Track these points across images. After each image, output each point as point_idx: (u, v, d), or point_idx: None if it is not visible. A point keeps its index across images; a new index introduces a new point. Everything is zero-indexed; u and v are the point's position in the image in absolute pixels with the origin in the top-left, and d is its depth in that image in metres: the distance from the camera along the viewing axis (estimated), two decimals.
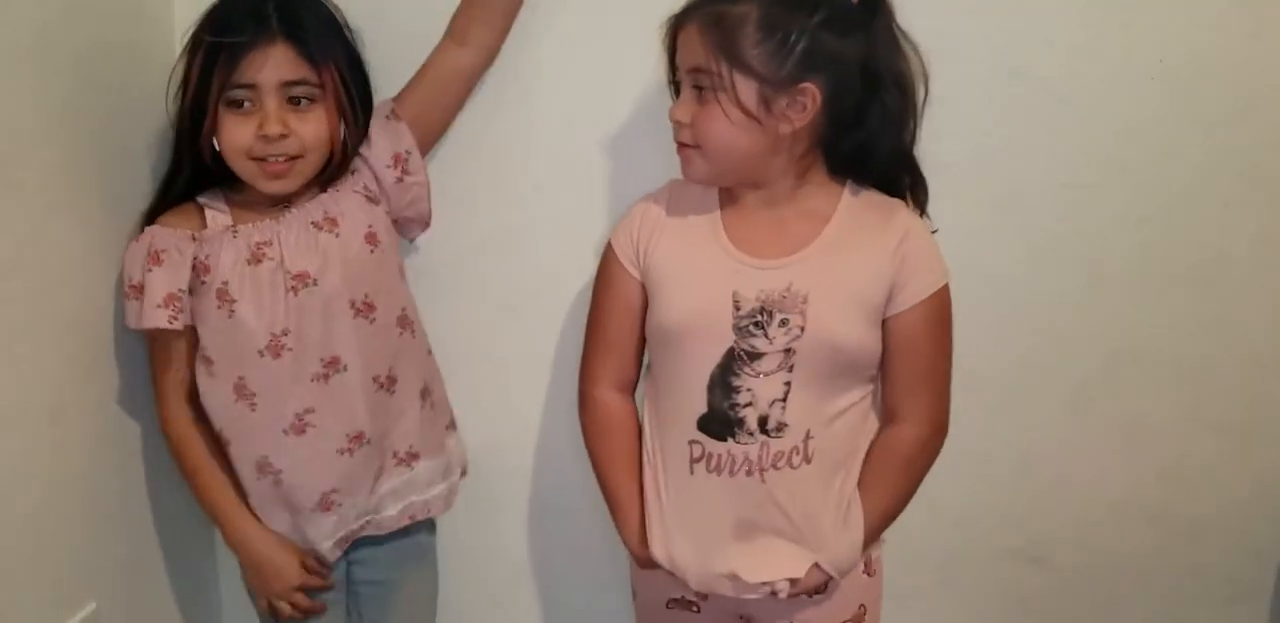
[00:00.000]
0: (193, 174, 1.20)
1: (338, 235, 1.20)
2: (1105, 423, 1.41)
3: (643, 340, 1.22)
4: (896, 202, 1.16)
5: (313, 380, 1.19)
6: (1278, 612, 1.48)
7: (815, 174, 1.15)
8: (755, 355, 1.10)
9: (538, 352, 1.44)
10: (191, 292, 1.18)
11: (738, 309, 1.10)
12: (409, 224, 1.31)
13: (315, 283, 1.18)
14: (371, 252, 1.22)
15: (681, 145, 1.13)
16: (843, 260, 1.11)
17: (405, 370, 1.26)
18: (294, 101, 1.15)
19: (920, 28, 1.13)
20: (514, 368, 1.44)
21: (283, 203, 1.20)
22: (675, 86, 1.16)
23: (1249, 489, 1.43)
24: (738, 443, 1.11)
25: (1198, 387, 1.39)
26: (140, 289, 1.17)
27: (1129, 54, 1.28)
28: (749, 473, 1.11)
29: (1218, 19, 1.26)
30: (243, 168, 1.17)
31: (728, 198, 1.17)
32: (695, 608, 1.22)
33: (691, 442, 1.13)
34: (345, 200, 1.22)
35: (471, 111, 1.35)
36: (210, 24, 1.15)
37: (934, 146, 1.19)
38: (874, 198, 1.16)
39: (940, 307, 1.14)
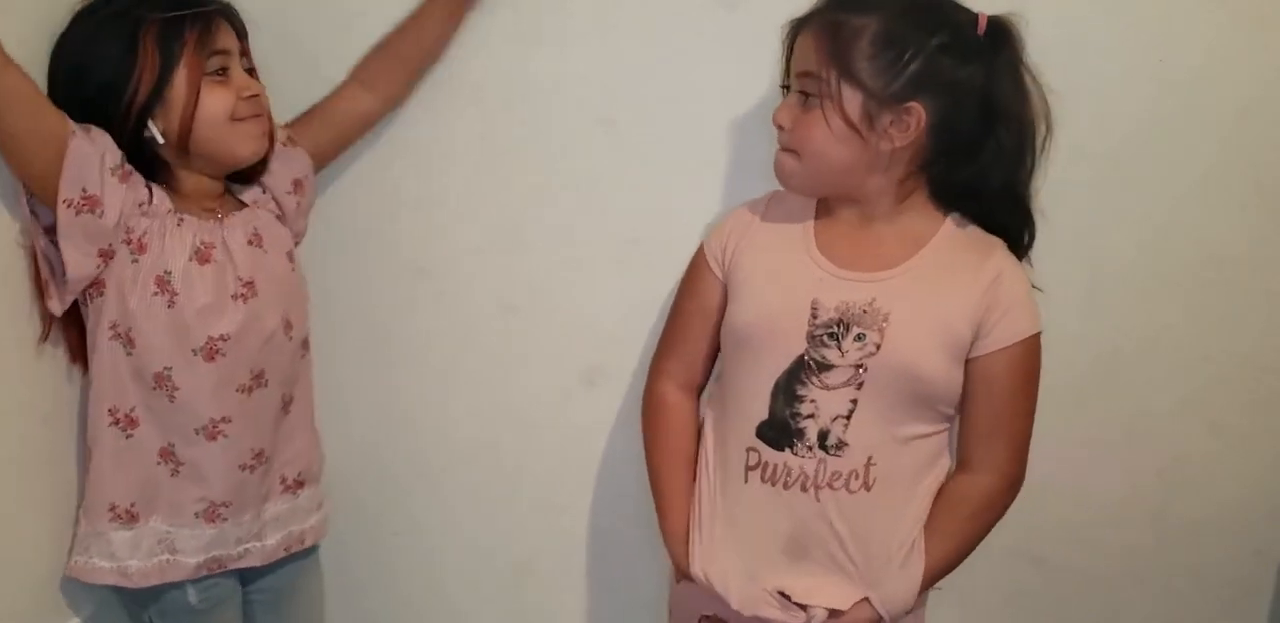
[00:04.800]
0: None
1: (266, 252, 1.21)
2: (1105, 423, 1.41)
3: (715, 345, 1.21)
4: (997, 241, 1.14)
5: (238, 390, 1.17)
6: (1278, 612, 1.48)
7: (917, 200, 1.13)
8: (825, 366, 1.08)
9: (538, 352, 1.44)
10: (109, 256, 1.11)
11: (815, 317, 1.09)
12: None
13: (259, 295, 1.18)
14: (291, 270, 1.25)
15: (780, 150, 1.11)
16: (931, 287, 1.09)
17: (301, 393, 1.27)
18: (246, 70, 1.17)
19: None
20: (514, 368, 1.44)
21: (211, 211, 1.18)
22: (786, 90, 1.14)
23: (1249, 489, 1.43)
24: (795, 454, 1.09)
25: (1197, 387, 1.39)
26: (97, 203, 1.08)
27: (1129, 54, 1.28)
28: (804, 488, 1.09)
29: (1218, 19, 1.26)
30: (226, 133, 1.14)
31: (824, 210, 1.16)
32: None
33: (749, 449, 1.12)
34: (263, 218, 1.23)
35: (472, 112, 1.35)
36: (151, 4, 1.10)
37: None
38: (975, 234, 1.14)
39: (1027, 355, 1.11)
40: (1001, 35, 1.08)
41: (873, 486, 1.09)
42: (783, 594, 1.11)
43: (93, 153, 1.07)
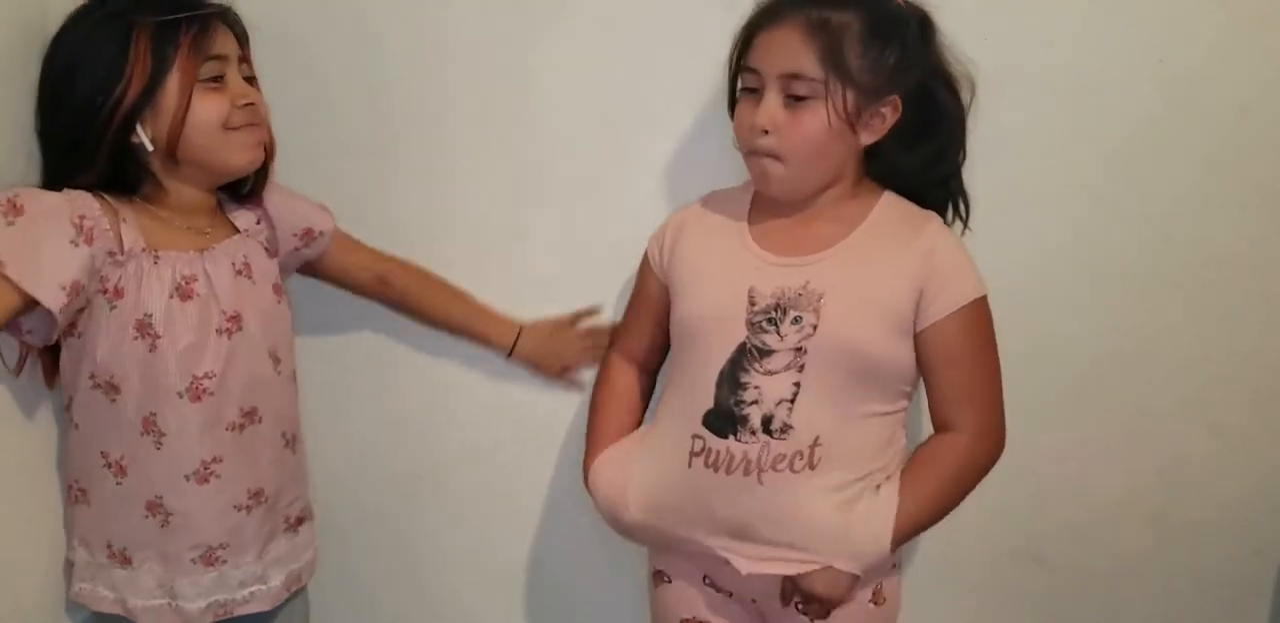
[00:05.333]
0: (102, 178, 1.09)
1: (254, 282, 1.16)
2: (1105, 423, 1.41)
3: (660, 333, 1.24)
4: (931, 214, 1.16)
5: (228, 429, 1.13)
6: (1278, 612, 1.48)
7: (860, 183, 1.15)
8: (765, 352, 1.09)
9: None
10: (83, 307, 1.07)
11: (753, 305, 1.10)
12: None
13: (243, 328, 1.13)
14: (278, 303, 1.20)
15: (757, 155, 1.10)
16: (864, 264, 1.10)
17: (299, 429, 1.24)
18: (245, 78, 1.14)
19: None
20: (514, 368, 1.44)
21: (196, 230, 1.14)
22: (734, 88, 1.14)
23: (1249, 489, 1.43)
24: (738, 441, 1.09)
25: (1198, 387, 1.39)
26: (79, 287, 1.03)
27: (1129, 54, 1.28)
28: (746, 473, 1.09)
29: (1218, 19, 1.26)
30: (219, 142, 1.10)
31: (760, 203, 1.17)
32: None
33: (694, 436, 1.12)
34: (252, 247, 1.18)
35: (472, 112, 1.35)
36: (142, 6, 1.07)
37: None
38: (909, 210, 1.15)
39: (976, 317, 1.11)
40: (924, 17, 1.11)
41: (817, 465, 1.08)
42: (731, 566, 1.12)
43: (35, 246, 1.01)
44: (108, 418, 1.10)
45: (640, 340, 1.27)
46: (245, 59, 1.15)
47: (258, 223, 1.21)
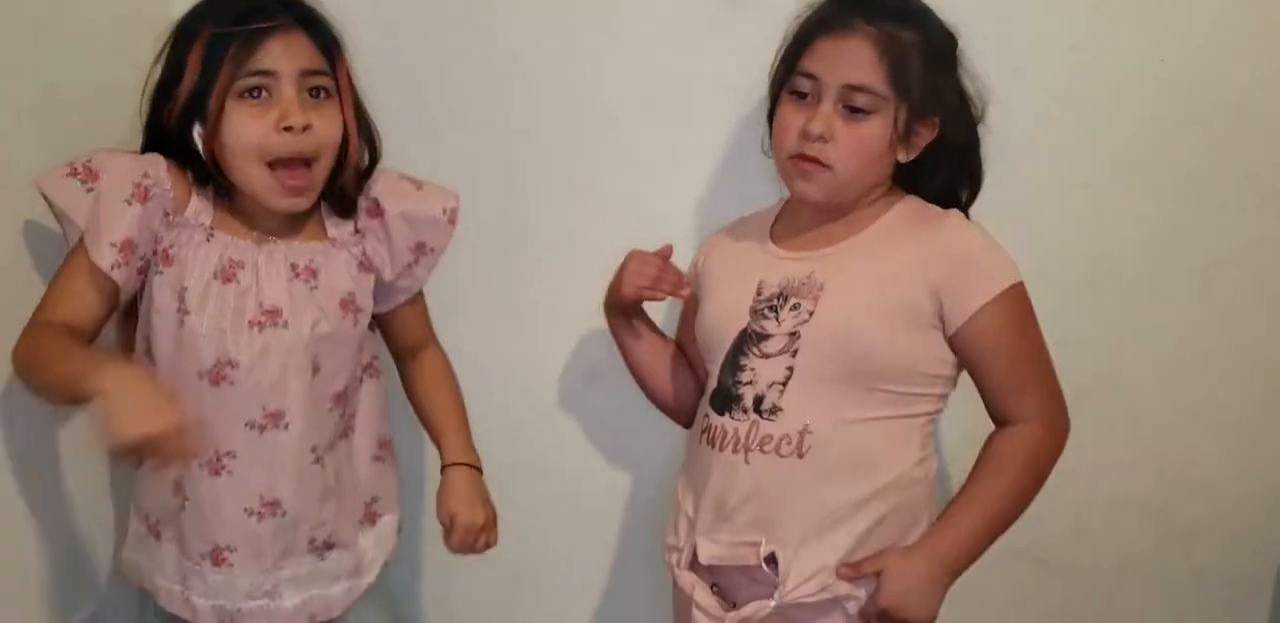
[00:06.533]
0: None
1: (313, 289, 1.11)
2: (1105, 423, 1.41)
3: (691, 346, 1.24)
4: (952, 213, 1.14)
5: (246, 426, 1.08)
6: (1278, 612, 1.48)
7: (886, 194, 1.15)
8: (763, 337, 1.10)
9: (538, 352, 1.44)
10: (144, 271, 1.07)
11: (759, 294, 1.11)
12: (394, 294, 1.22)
13: (285, 325, 1.09)
14: (343, 318, 1.13)
15: (802, 160, 1.09)
16: (871, 258, 1.09)
17: (342, 457, 1.18)
18: (312, 94, 1.07)
19: None
20: (514, 367, 1.44)
21: (267, 230, 1.11)
22: (778, 90, 1.13)
23: (1249, 489, 1.43)
24: (731, 418, 1.11)
25: (1198, 387, 1.39)
26: (132, 245, 1.04)
27: (1129, 54, 1.28)
28: (735, 451, 1.10)
29: (1218, 19, 1.26)
30: (254, 176, 1.06)
31: (784, 215, 1.18)
32: None
33: (704, 415, 1.15)
34: (334, 258, 1.13)
35: (474, 112, 1.35)
36: (218, 12, 1.05)
37: None
38: (927, 211, 1.14)
39: (1013, 305, 1.08)
40: (952, 35, 1.12)
41: (805, 454, 1.07)
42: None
43: (95, 207, 1.03)
44: None
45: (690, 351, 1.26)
46: (325, 73, 1.08)
47: (355, 233, 1.16)
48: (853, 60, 1.06)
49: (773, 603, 1.07)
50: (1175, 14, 1.26)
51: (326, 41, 1.08)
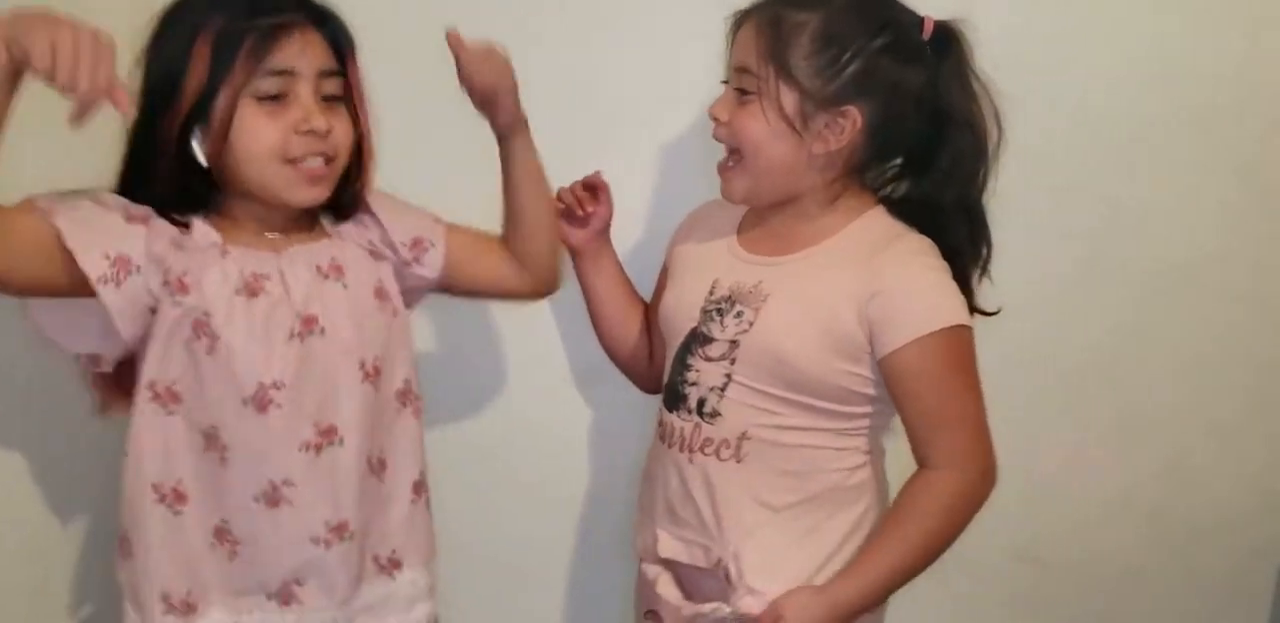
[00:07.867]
0: (167, 191, 0.97)
1: (345, 286, 1.04)
2: (1104, 423, 1.41)
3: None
4: (910, 237, 1.08)
5: (301, 449, 0.99)
6: (1278, 612, 1.48)
7: (847, 201, 1.10)
8: (708, 339, 1.11)
9: (537, 352, 1.44)
10: (154, 309, 0.96)
11: (711, 294, 1.12)
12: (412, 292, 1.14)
13: (324, 332, 1.00)
14: (380, 307, 1.06)
15: (724, 166, 1.11)
16: (817, 275, 1.07)
17: (399, 455, 1.08)
18: (325, 96, 1.00)
19: None
20: (513, 367, 1.44)
21: (275, 232, 1.03)
22: (727, 84, 1.13)
23: (1248, 489, 1.43)
24: (678, 417, 1.13)
25: (1197, 386, 1.40)
26: (127, 261, 0.93)
27: (1129, 54, 1.28)
28: (681, 449, 1.12)
29: (1217, 19, 1.26)
30: (274, 174, 0.97)
31: (754, 211, 1.17)
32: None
33: (660, 410, 1.17)
34: (349, 250, 1.06)
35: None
36: (226, 6, 0.96)
37: None
38: (888, 229, 1.09)
39: (941, 348, 1.03)
40: (947, 40, 1.06)
41: (744, 460, 1.09)
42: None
43: (87, 216, 0.92)
44: (165, 436, 0.98)
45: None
46: (337, 73, 1.00)
47: (358, 225, 1.09)
48: (741, 43, 1.06)
49: (729, 609, 1.08)
50: (1174, 14, 1.26)
51: (339, 40, 1.02)
